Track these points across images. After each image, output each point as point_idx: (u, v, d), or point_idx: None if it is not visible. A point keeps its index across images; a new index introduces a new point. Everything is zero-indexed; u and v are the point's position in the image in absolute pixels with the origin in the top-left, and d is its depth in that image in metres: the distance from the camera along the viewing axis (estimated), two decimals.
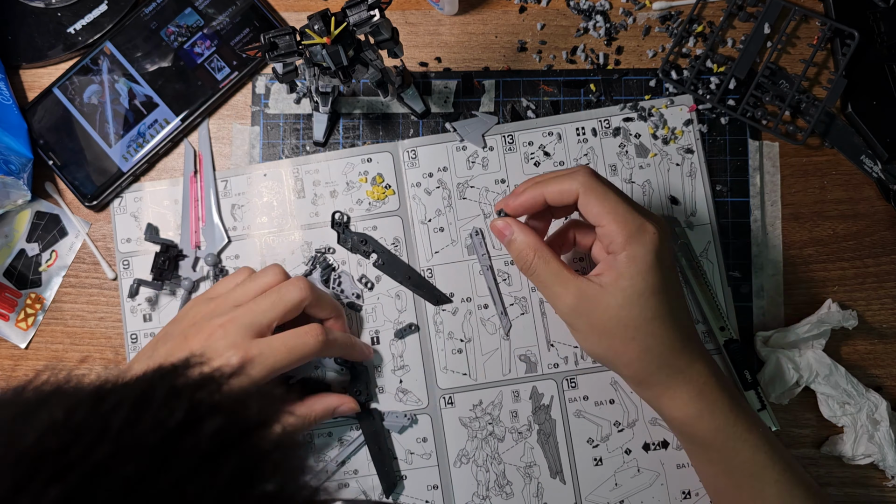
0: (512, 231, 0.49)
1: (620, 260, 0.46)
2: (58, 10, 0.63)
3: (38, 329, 0.61)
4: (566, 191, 0.47)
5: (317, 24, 0.48)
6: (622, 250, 0.46)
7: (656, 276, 0.45)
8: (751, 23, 0.62)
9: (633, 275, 0.45)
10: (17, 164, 0.58)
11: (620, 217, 0.46)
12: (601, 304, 0.46)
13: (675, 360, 0.47)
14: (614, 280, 0.46)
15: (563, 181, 0.47)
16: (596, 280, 0.47)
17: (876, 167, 0.60)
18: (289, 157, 0.62)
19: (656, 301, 0.46)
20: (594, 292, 0.46)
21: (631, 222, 0.46)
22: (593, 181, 0.47)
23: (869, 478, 0.58)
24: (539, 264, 0.48)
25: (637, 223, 0.46)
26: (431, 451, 0.59)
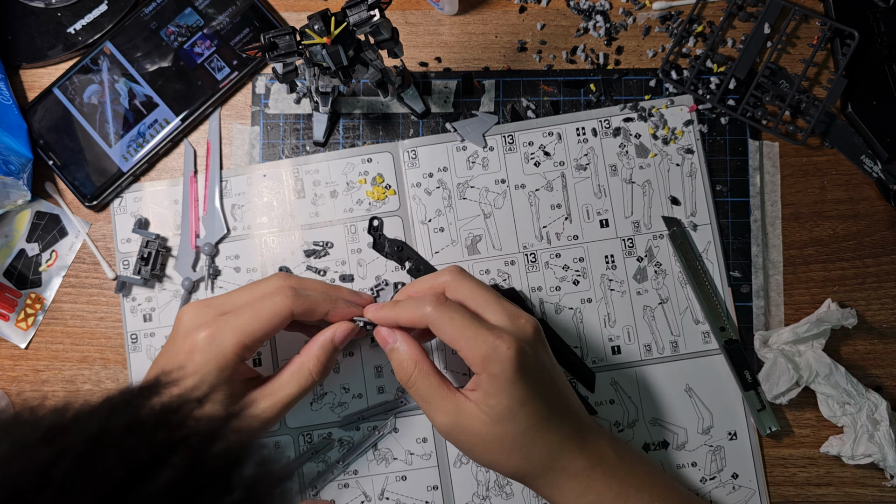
0: (395, 340, 0.49)
1: (483, 380, 0.46)
2: (58, 10, 0.63)
3: (38, 329, 0.61)
4: (416, 319, 0.48)
5: (317, 24, 0.48)
6: (482, 371, 0.46)
7: (521, 388, 0.46)
8: (751, 23, 0.62)
9: (497, 392, 0.46)
10: (17, 164, 0.58)
11: (471, 341, 0.46)
12: (476, 421, 0.46)
13: (556, 462, 0.48)
14: (483, 399, 0.46)
15: (413, 309, 0.48)
16: (470, 396, 0.47)
17: (876, 167, 0.60)
18: (289, 157, 0.62)
19: (526, 412, 0.46)
20: (469, 409, 0.47)
21: (482, 343, 0.46)
22: (439, 309, 0.47)
23: (869, 478, 0.58)
24: (418, 378, 0.48)
25: (488, 344, 0.46)
26: (431, 452, 0.59)
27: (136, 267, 0.59)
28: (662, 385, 0.59)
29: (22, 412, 0.25)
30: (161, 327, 0.60)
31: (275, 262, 0.60)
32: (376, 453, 0.59)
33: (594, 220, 0.60)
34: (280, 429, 0.59)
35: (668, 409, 0.59)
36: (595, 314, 0.60)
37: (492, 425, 0.46)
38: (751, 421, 0.58)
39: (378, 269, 0.60)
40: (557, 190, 0.61)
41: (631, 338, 0.59)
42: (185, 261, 0.60)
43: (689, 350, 0.59)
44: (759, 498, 0.58)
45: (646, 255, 0.60)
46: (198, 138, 0.63)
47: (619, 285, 0.60)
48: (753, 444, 0.58)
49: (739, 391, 0.58)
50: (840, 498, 0.58)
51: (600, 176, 0.61)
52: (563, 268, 0.60)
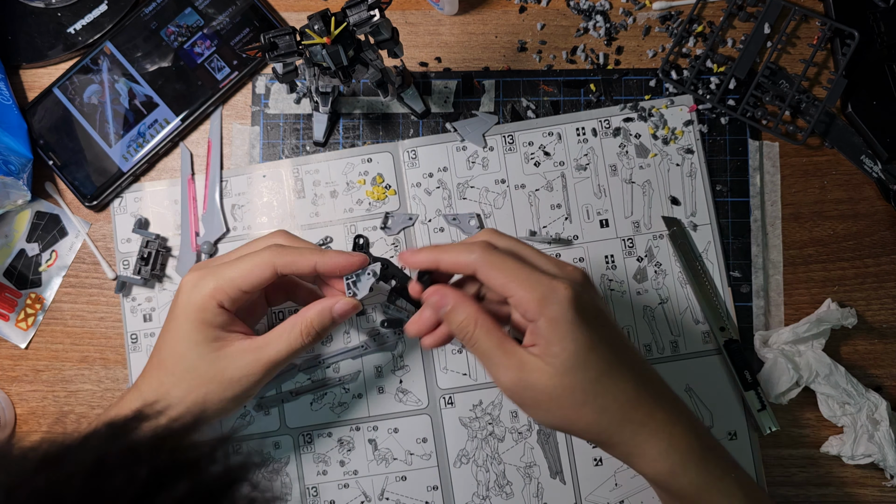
0: (449, 301, 0.45)
1: (541, 327, 0.42)
2: (58, 10, 0.63)
3: (38, 329, 0.61)
4: (461, 264, 0.44)
5: (317, 24, 0.48)
6: (539, 316, 0.42)
7: (584, 331, 0.42)
8: (751, 23, 0.62)
9: (559, 339, 0.42)
10: (17, 164, 0.58)
11: (525, 283, 0.42)
12: (541, 374, 0.42)
13: (634, 414, 0.43)
14: (545, 348, 0.42)
15: (459, 253, 0.44)
16: (532, 350, 0.43)
17: (876, 167, 0.60)
18: (289, 157, 0.62)
19: (596, 357, 0.42)
20: (533, 364, 0.43)
21: (537, 285, 0.42)
22: (489, 253, 0.44)
23: (869, 478, 0.58)
24: (480, 335, 0.44)
25: (543, 285, 0.42)
26: (431, 452, 0.59)
27: (137, 267, 0.59)
28: None
29: (3, 447, 0.25)
30: (161, 327, 0.60)
31: None
32: (376, 453, 0.59)
33: (594, 220, 0.60)
34: (280, 429, 0.59)
35: None
36: None
37: (559, 377, 0.42)
38: (751, 421, 0.58)
39: None
40: (557, 190, 0.61)
41: (631, 338, 0.59)
42: (185, 262, 0.60)
43: (689, 350, 0.59)
44: None
45: (646, 255, 0.60)
46: (198, 138, 0.63)
47: (619, 285, 0.60)
48: (753, 444, 0.58)
49: (739, 391, 0.58)
50: (840, 498, 0.58)
51: (600, 176, 0.61)
52: None
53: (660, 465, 0.43)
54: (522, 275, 0.43)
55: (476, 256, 0.43)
